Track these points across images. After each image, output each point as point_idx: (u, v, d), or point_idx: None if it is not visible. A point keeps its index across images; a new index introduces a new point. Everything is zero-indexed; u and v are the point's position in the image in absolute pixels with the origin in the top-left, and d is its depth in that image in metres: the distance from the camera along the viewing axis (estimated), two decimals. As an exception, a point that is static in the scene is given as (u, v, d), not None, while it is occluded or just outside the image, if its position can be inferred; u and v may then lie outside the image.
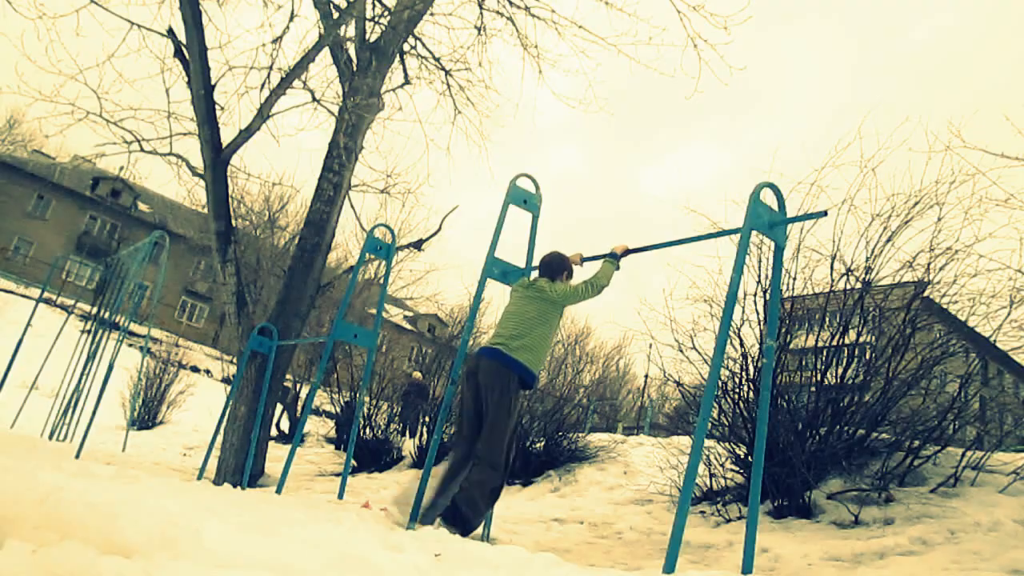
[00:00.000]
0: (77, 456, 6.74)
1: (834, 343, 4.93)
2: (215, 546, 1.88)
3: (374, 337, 5.97)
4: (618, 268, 3.91)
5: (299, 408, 14.46)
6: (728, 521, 4.79)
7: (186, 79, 6.55)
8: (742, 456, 5.18)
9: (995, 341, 4.49)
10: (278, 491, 5.29)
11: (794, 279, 5.06)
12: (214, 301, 35.41)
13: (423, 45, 8.42)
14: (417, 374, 11.71)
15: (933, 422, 4.50)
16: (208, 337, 35.51)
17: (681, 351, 5.55)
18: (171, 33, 6.44)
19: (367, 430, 9.56)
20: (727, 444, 5.28)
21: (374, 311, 8.04)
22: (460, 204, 8.37)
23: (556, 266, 3.98)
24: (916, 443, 4.45)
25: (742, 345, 5.18)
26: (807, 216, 3.51)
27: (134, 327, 23.70)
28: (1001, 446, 4.93)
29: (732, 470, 5.35)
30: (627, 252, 3.92)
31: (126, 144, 6.70)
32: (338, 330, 5.64)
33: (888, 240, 4.78)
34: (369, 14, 7.28)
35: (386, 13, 7.60)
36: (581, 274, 4.34)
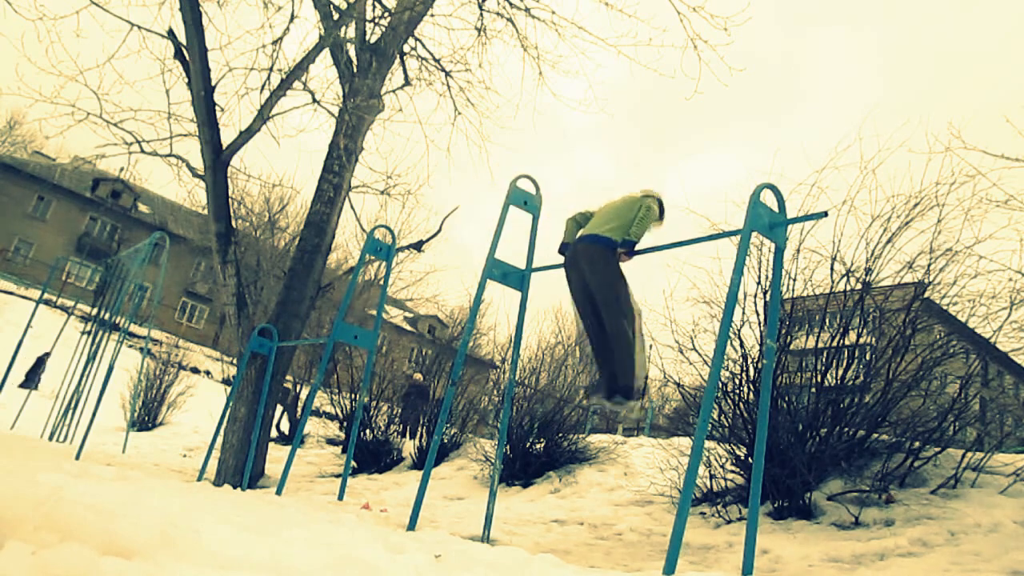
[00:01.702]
0: (77, 457, 6.73)
1: (834, 344, 4.93)
2: (215, 547, 1.88)
3: (374, 338, 5.97)
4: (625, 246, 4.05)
5: (299, 409, 14.46)
6: (728, 522, 4.79)
7: (186, 80, 6.56)
8: (742, 457, 5.18)
9: (995, 342, 4.49)
10: (278, 492, 5.29)
11: (794, 280, 5.06)
12: (214, 302, 35.39)
13: (423, 46, 8.42)
14: (418, 375, 11.70)
15: (933, 423, 4.49)
16: (208, 338, 35.48)
17: (681, 352, 5.55)
18: (171, 34, 6.44)
19: (367, 431, 9.56)
20: (727, 445, 5.28)
21: (374, 312, 8.04)
22: (465, 204, 8.37)
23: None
24: (916, 444, 4.45)
25: (742, 346, 5.18)
26: (807, 217, 3.51)
27: (134, 328, 23.70)
28: (1001, 447, 4.92)
29: (732, 471, 5.35)
30: (632, 253, 3.94)
31: (126, 145, 6.70)
32: (338, 331, 5.64)
33: (888, 241, 4.79)
34: (369, 15, 7.28)
35: (386, 14, 7.61)
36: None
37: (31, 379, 15.06)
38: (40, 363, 15.63)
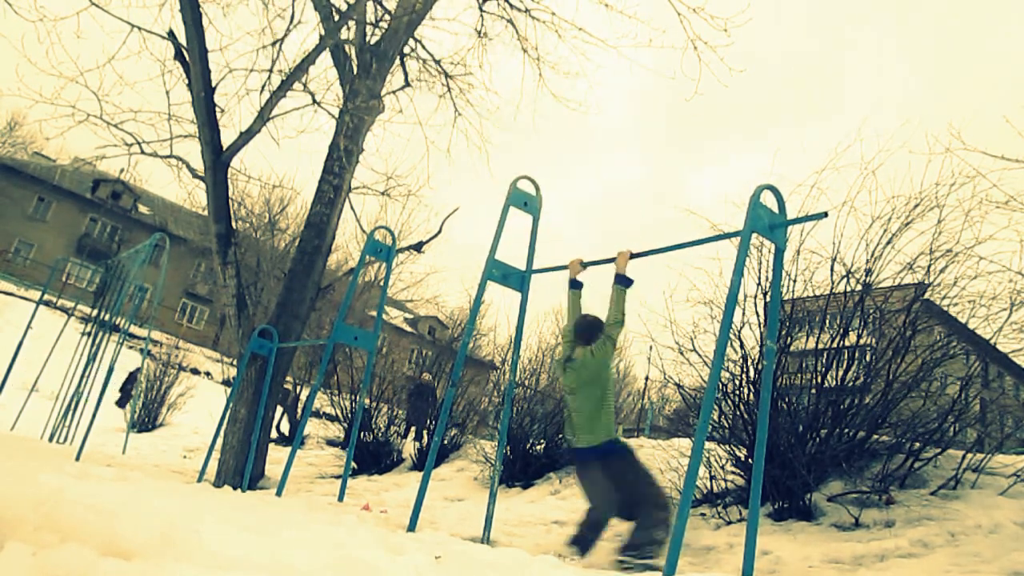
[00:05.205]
0: (77, 458, 6.73)
1: (834, 345, 4.93)
2: (216, 548, 1.88)
3: (374, 339, 5.97)
4: (629, 285, 3.88)
5: (299, 410, 14.45)
6: (728, 523, 4.79)
7: (186, 81, 6.56)
8: (742, 458, 5.17)
9: (995, 343, 4.49)
10: (278, 493, 5.29)
11: (794, 281, 5.06)
12: (214, 303, 35.39)
13: (423, 48, 8.43)
14: (426, 375, 11.65)
15: (933, 424, 4.49)
16: (208, 339, 35.48)
17: (681, 353, 5.55)
18: (172, 35, 6.45)
19: (367, 432, 9.55)
20: (727, 446, 5.27)
21: (374, 313, 8.05)
22: (466, 205, 8.35)
23: (594, 329, 3.94)
24: (916, 445, 4.44)
25: (742, 347, 5.18)
26: (807, 218, 3.51)
27: (134, 329, 23.69)
28: (1001, 448, 4.92)
29: (732, 472, 5.34)
30: (632, 256, 3.92)
31: (126, 146, 6.69)
32: (338, 332, 5.65)
33: (888, 242, 4.78)
34: (369, 17, 7.29)
35: (386, 16, 7.61)
36: (583, 277, 4.34)
37: (125, 395, 15.14)
38: (132, 378, 15.58)
